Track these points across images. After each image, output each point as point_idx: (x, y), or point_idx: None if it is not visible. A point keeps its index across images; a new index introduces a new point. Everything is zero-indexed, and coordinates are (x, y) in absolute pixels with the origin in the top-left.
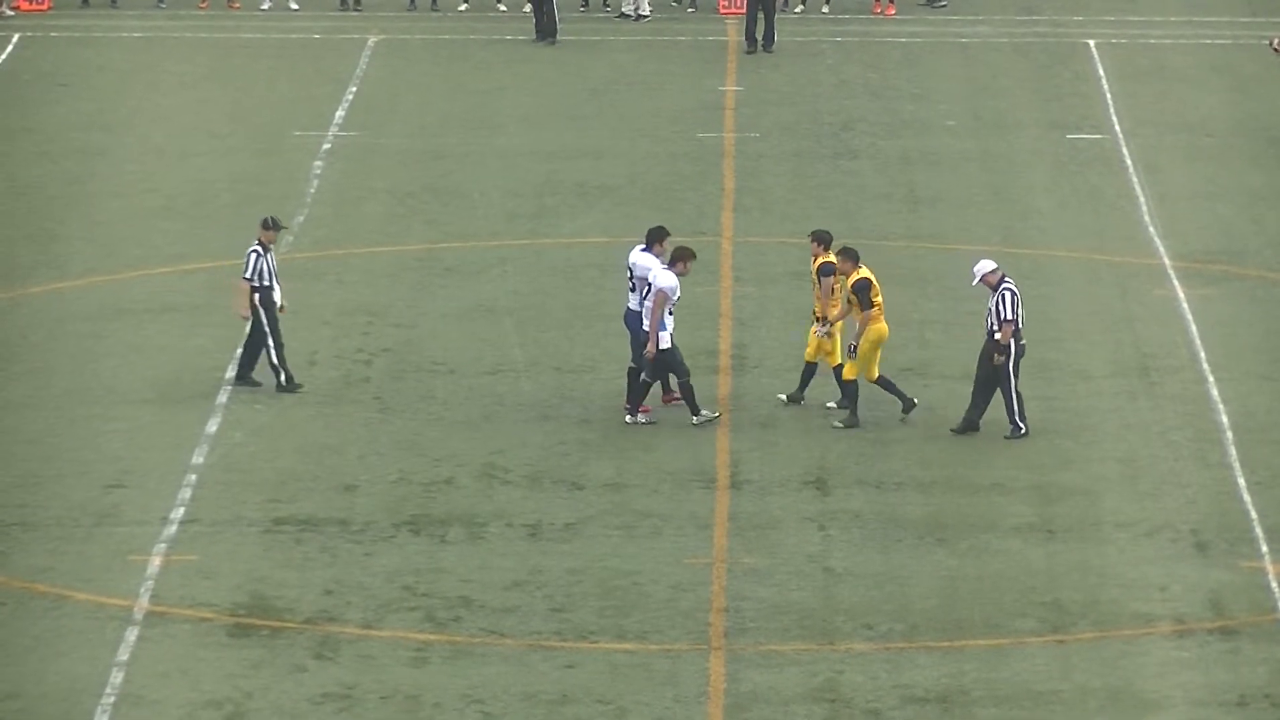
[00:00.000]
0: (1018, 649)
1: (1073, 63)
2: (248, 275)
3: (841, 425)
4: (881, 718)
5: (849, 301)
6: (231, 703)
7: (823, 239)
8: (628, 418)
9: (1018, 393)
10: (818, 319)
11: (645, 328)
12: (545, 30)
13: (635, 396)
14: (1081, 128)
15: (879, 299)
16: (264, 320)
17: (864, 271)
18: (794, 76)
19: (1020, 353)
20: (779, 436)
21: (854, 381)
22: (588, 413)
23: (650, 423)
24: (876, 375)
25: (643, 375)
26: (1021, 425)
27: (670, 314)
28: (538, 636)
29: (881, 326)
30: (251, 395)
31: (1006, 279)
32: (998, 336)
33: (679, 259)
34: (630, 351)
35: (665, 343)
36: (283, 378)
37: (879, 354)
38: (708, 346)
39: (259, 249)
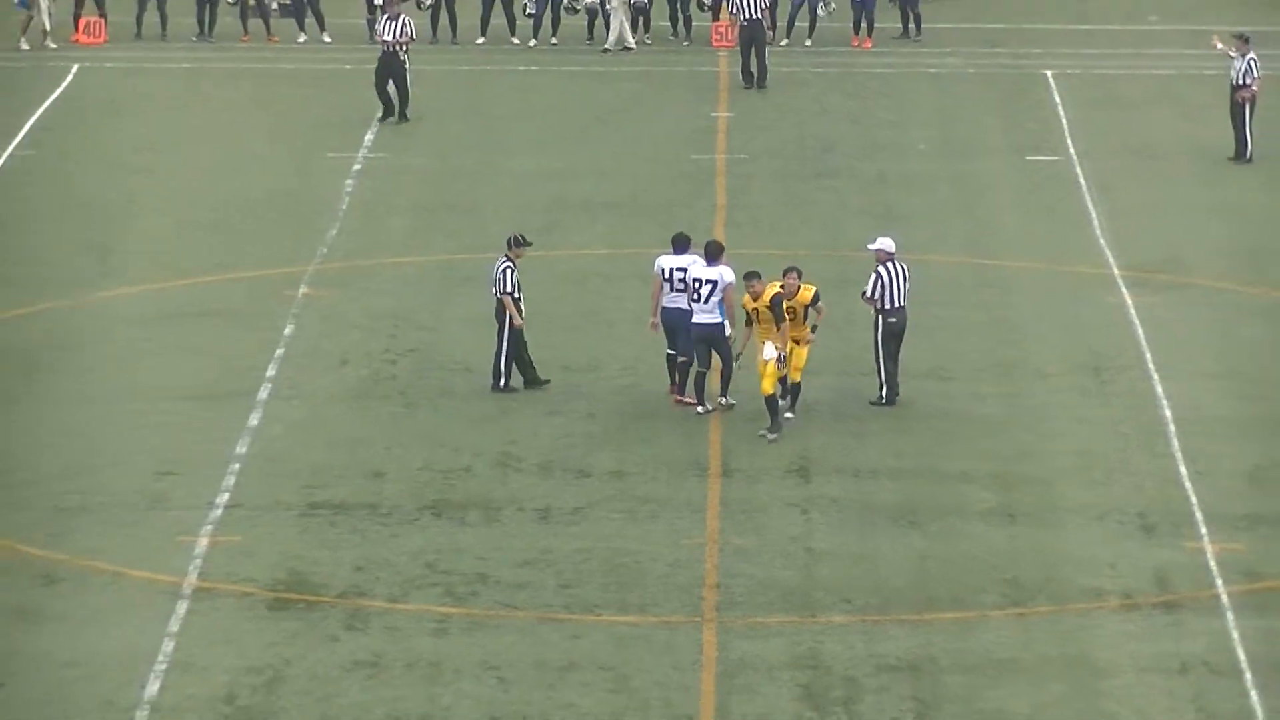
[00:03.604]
0: (981, 622)
1: (1032, 92)
2: (507, 289)
3: (774, 436)
4: (858, 684)
5: (756, 318)
6: (271, 669)
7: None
8: (699, 409)
9: (887, 369)
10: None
11: (719, 319)
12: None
13: (694, 387)
14: (1040, 150)
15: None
16: (507, 330)
17: (774, 289)
18: (780, 104)
19: (889, 331)
20: (763, 427)
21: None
22: (593, 408)
23: (709, 410)
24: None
25: (694, 365)
26: (883, 395)
27: None
28: (548, 610)
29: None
30: (290, 392)
31: (886, 263)
32: (865, 296)
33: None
34: (669, 341)
35: (728, 330)
36: (501, 381)
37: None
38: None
39: (510, 264)
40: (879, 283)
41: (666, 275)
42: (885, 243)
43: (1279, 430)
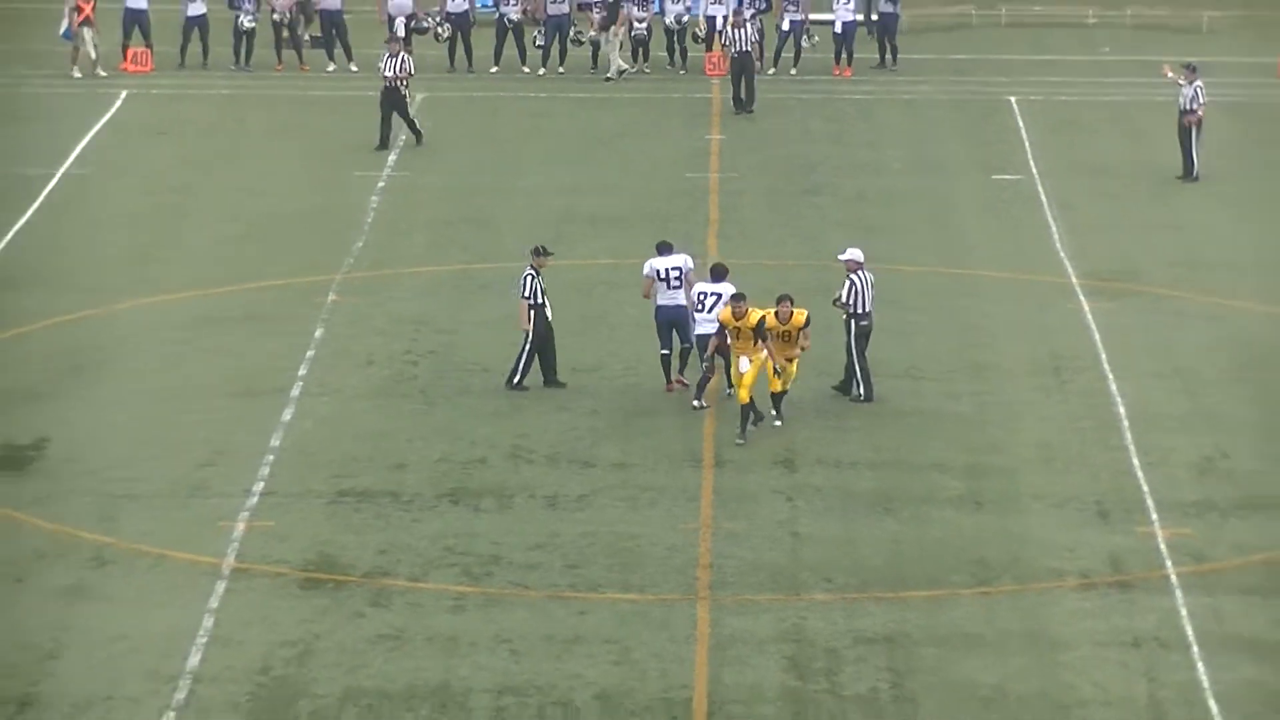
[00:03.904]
0: (951, 599)
1: (997, 116)
2: (525, 295)
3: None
4: (838, 656)
5: (735, 335)
6: (303, 643)
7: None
8: (695, 404)
9: (861, 366)
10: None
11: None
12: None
13: (697, 386)
14: (1005, 170)
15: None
16: (532, 333)
17: (761, 314)
18: (768, 127)
19: (861, 332)
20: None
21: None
22: (597, 404)
23: (704, 407)
24: (748, 399)
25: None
26: (861, 392)
27: None
28: (556, 588)
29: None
30: (320, 390)
31: (855, 272)
32: (835, 301)
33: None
34: (663, 342)
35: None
36: (516, 378)
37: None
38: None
39: (532, 272)
40: (853, 289)
41: (662, 275)
42: (855, 253)
43: (1223, 425)
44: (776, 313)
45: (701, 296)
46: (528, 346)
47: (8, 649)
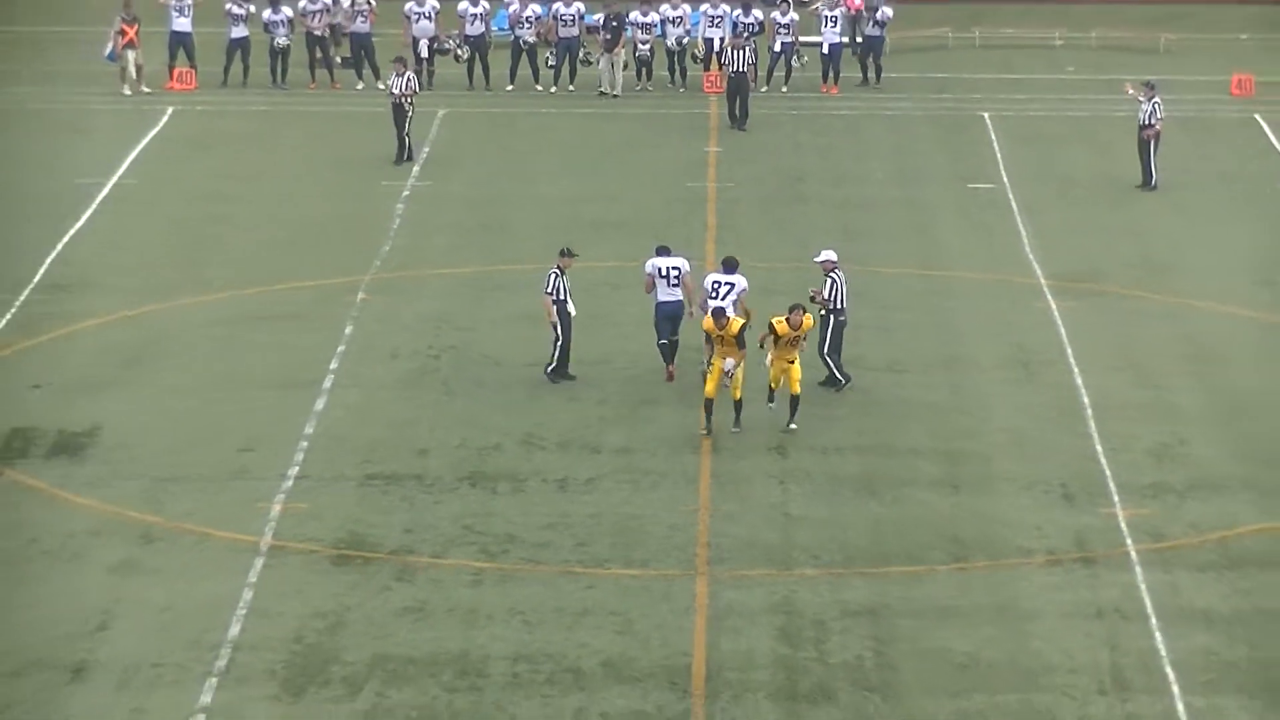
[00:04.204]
0: (929, 575)
1: (972, 130)
2: (549, 291)
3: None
4: (825, 627)
5: (719, 341)
6: (334, 614)
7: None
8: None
9: (834, 358)
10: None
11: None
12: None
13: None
14: (978, 179)
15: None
16: (559, 327)
17: (738, 322)
18: (761, 140)
19: (838, 326)
20: (749, 413)
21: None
22: (604, 395)
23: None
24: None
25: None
26: (841, 380)
27: None
28: (566, 564)
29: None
30: (350, 381)
31: (833, 271)
32: (814, 299)
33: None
34: (659, 332)
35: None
36: (552, 367)
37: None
38: (696, 345)
39: (557, 271)
40: (834, 287)
41: (663, 273)
42: (830, 254)
43: (1178, 414)
44: (788, 319)
45: (715, 285)
46: (559, 339)
47: (64, 619)
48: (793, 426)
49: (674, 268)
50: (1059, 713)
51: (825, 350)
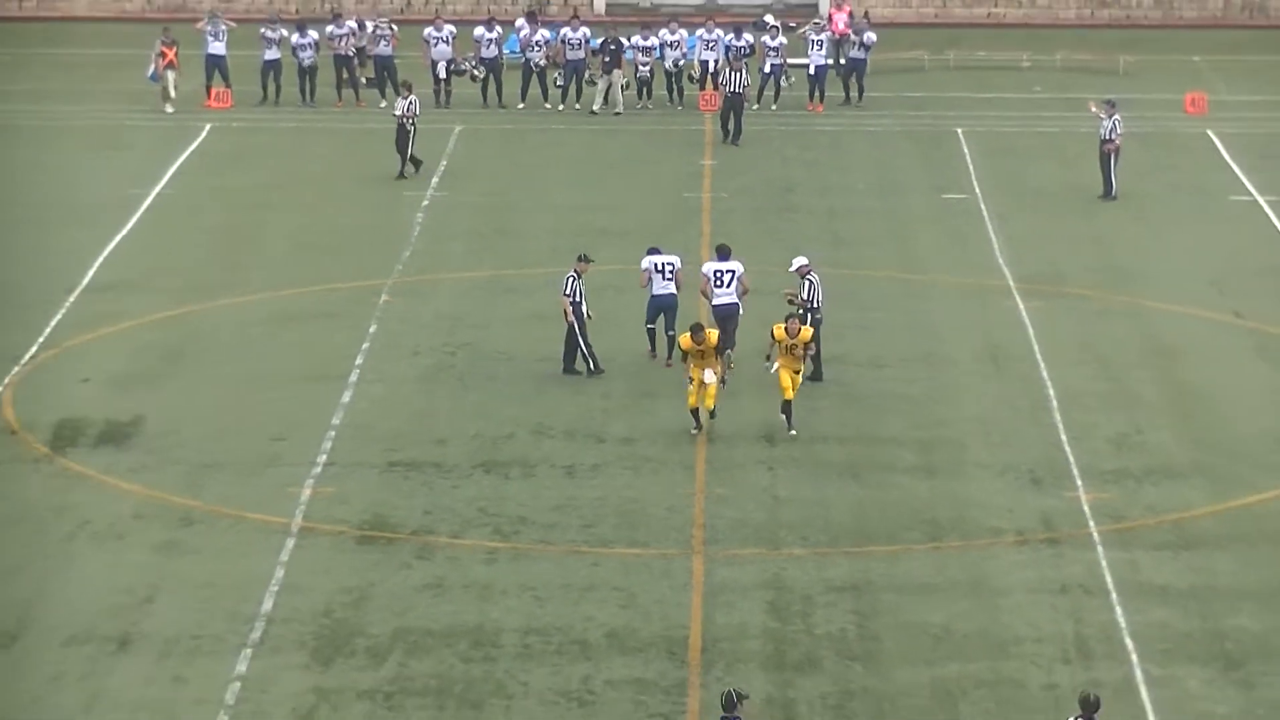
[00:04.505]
0: (907, 553)
1: (946, 145)
2: (566, 293)
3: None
4: (812, 601)
5: (699, 356)
6: (359, 590)
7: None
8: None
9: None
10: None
11: (735, 300)
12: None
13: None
14: (952, 190)
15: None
16: (577, 326)
17: (715, 335)
18: (752, 154)
19: (816, 325)
20: (741, 404)
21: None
22: (608, 389)
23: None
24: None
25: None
26: (819, 375)
27: None
28: (573, 544)
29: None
30: (374, 376)
31: (808, 275)
32: (791, 301)
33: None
34: (650, 318)
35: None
36: (591, 365)
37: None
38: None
39: (574, 275)
40: (812, 288)
41: (658, 268)
42: (803, 260)
43: (1137, 405)
44: (786, 328)
45: (718, 274)
46: (580, 336)
47: (111, 594)
48: (792, 432)
49: (669, 263)
50: (1027, 680)
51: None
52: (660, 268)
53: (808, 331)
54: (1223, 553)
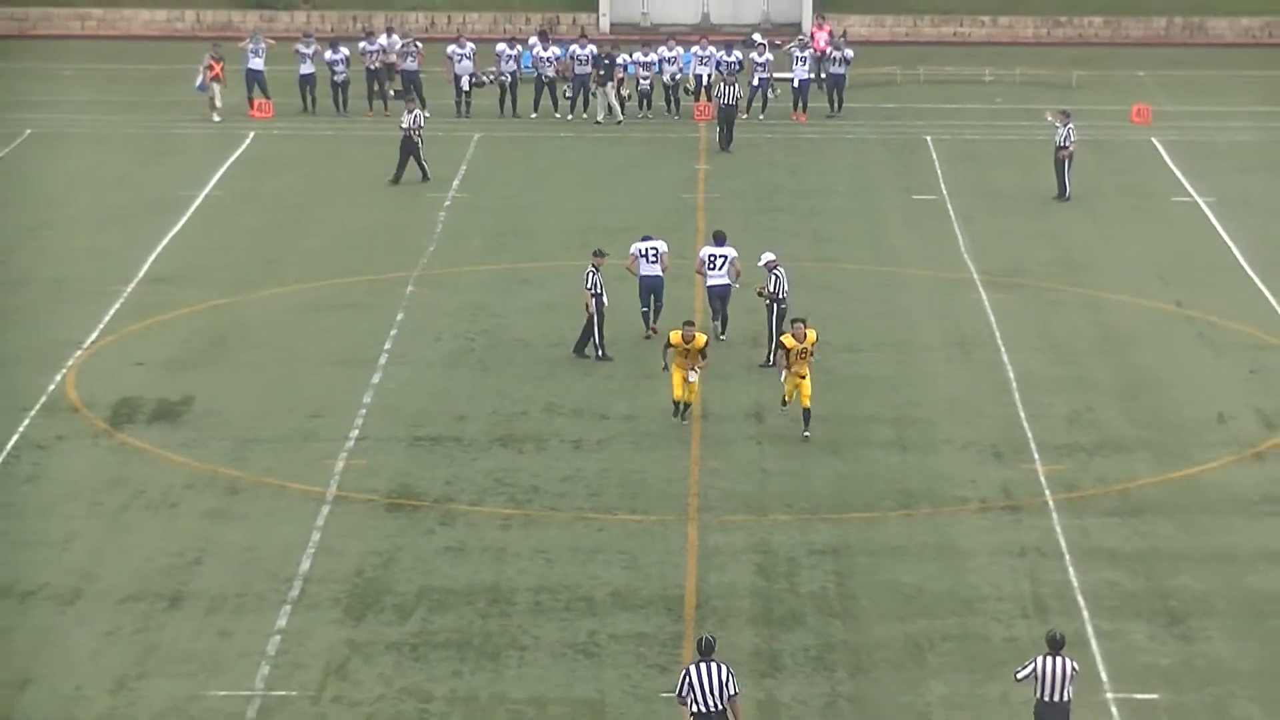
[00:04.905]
0: (881, 520)
1: (917, 151)
2: (588, 286)
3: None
4: (796, 563)
5: (685, 354)
6: (387, 553)
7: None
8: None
9: (777, 335)
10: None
11: (727, 282)
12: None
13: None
14: (922, 191)
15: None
16: (596, 316)
17: (703, 337)
18: (741, 159)
19: (781, 314)
20: (732, 386)
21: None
22: (611, 371)
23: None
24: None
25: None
26: (771, 360)
27: None
28: (580, 511)
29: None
30: (401, 360)
31: (775, 269)
32: (761, 294)
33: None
34: (643, 300)
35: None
36: (599, 352)
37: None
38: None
39: (593, 269)
40: (778, 281)
41: (643, 253)
42: (770, 255)
43: (1088, 386)
44: (793, 333)
45: (711, 258)
46: (597, 325)
47: (163, 556)
48: (807, 434)
49: (652, 248)
50: (989, 634)
51: (773, 330)
52: (645, 253)
53: (813, 334)
54: (1166, 519)
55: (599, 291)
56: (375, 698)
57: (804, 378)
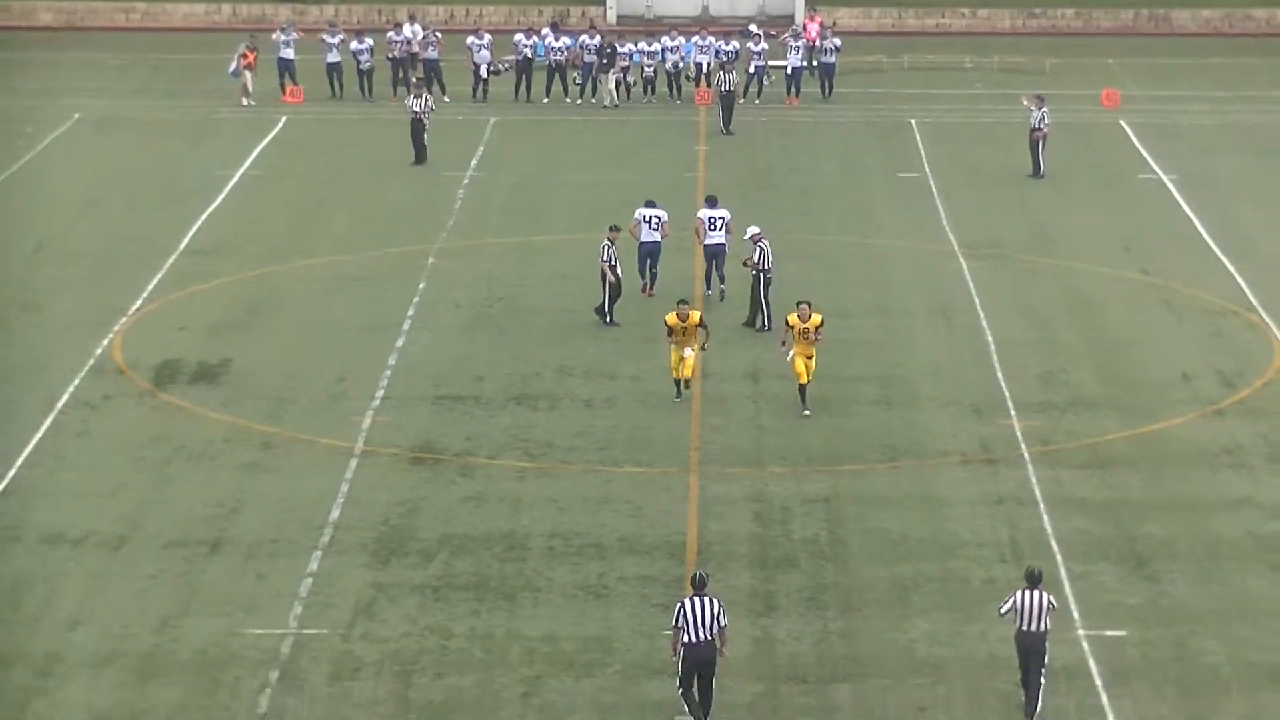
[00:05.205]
0: (869, 471)
1: (901, 133)
2: (604, 259)
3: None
4: (790, 511)
5: (682, 332)
6: (411, 503)
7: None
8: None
9: (766, 305)
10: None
11: (723, 241)
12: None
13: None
14: (906, 170)
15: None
16: (611, 284)
17: (696, 314)
18: (738, 141)
19: (767, 282)
20: (730, 349)
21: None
22: (619, 335)
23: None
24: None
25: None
26: (768, 325)
27: None
28: (590, 464)
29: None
30: (423, 325)
31: (760, 241)
32: (746, 265)
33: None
34: (640, 265)
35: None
36: (608, 318)
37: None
38: (687, 291)
39: (609, 242)
40: (762, 254)
41: (646, 219)
42: (754, 229)
43: (1060, 349)
44: (798, 314)
45: (711, 220)
46: (607, 294)
47: (204, 506)
48: (806, 412)
49: (655, 216)
50: (969, 576)
51: (760, 299)
52: (648, 219)
53: (818, 317)
54: (1133, 471)
55: (614, 263)
56: (400, 635)
57: (809, 357)
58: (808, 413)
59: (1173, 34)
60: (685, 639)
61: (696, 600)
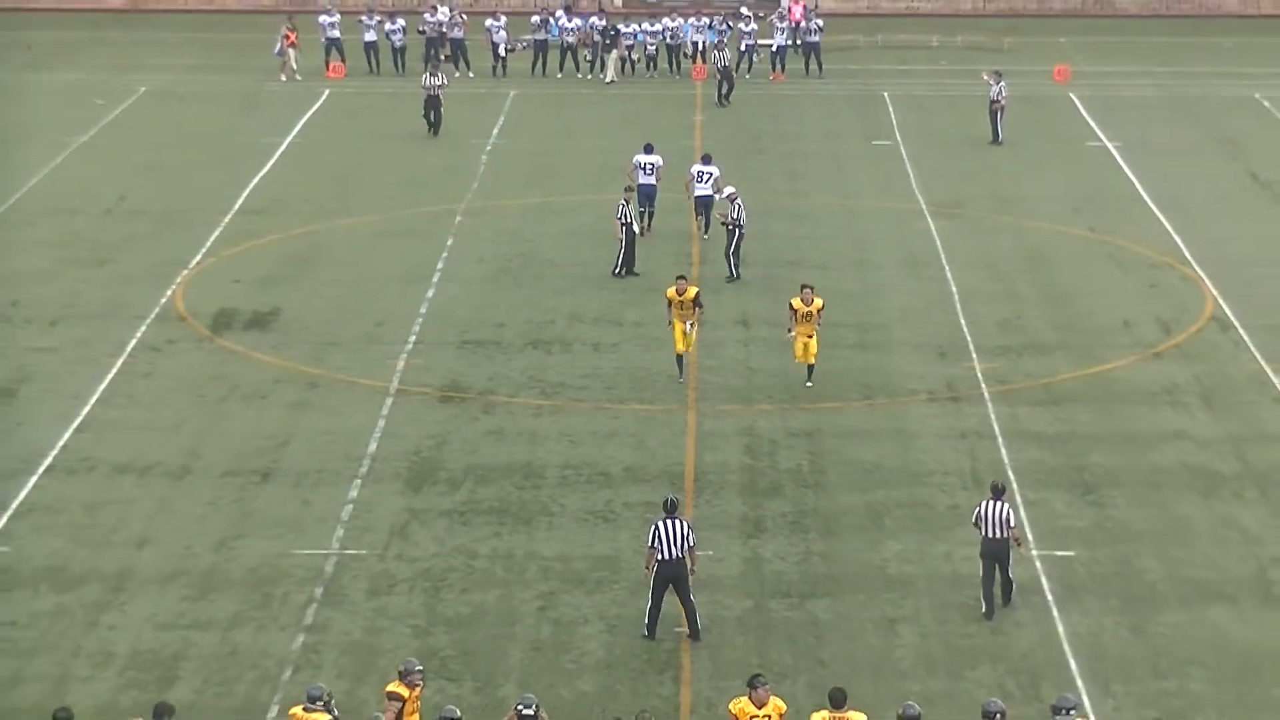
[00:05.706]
0: (848, 409)
1: (875, 105)
2: (618, 216)
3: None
4: (777, 444)
5: (679, 306)
6: (440, 436)
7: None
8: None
9: (737, 259)
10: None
11: (710, 193)
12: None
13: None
14: (879, 138)
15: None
16: (625, 240)
17: (693, 289)
18: (731, 112)
19: (740, 236)
20: (724, 298)
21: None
22: (624, 286)
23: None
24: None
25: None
26: (735, 275)
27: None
28: (598, 401)
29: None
30: (451, 277)
31: (736, 200)
32: (724, 223)
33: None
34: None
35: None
36: (622, 270)
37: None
38: (685, 251)
39: (624, 202)
40: (739, 210)
41: (642, 165)
42: (731, 189)
43: (1018, 298)
44: (801, 298)
45: (700, 174)
46: (622, 250)
47: (256, 439)
48: (809, 385)
49: (651, 162)
50: (935, 502)
51: (729, 252)
52: (644, 165)
53: (819, 301)
54: (1082, 407)
55: (628, 221)
56: (430, 555)
57: (811, 338)
58: (810, 384)
59: (1117, 15)
60: (660, 557)
61: (668, 522)
